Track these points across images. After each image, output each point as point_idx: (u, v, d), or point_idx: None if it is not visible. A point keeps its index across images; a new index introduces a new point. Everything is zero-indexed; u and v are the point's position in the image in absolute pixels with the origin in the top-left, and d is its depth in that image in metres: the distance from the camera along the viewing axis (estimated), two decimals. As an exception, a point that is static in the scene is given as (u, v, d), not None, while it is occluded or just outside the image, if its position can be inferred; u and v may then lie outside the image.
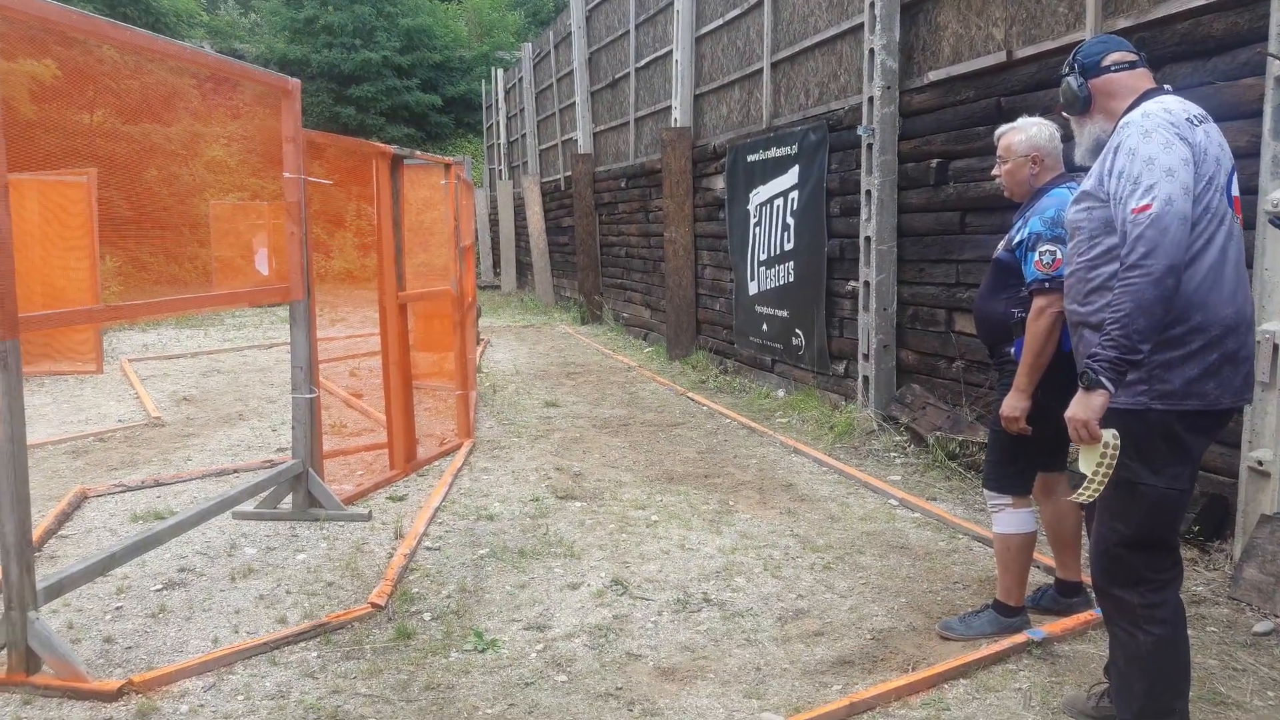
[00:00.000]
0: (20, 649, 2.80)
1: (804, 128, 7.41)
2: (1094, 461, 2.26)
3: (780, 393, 7.81)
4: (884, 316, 6.34)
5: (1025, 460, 3.23)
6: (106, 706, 2.79)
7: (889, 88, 6.15)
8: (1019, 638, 3.18)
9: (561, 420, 7.13)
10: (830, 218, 7.08)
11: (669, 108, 10.51)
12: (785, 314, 7.79)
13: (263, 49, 26.83)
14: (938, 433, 5.59)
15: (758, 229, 8.24)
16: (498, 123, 21.99)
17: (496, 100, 21.88)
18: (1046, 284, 2.97)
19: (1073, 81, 2.50)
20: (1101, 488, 2.26)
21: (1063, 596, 3.44)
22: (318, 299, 4.98)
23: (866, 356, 6.46)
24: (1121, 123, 2.34)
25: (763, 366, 8.37)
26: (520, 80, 18.99)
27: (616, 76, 12.74)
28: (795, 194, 7.53)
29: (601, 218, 13.61)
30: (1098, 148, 2.46)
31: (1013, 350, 3.19)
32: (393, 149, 5.41)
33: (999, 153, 3.28)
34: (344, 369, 9.35)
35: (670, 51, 10.34)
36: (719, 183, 9.25)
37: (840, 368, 7.03)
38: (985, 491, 3.34)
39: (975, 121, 5.47)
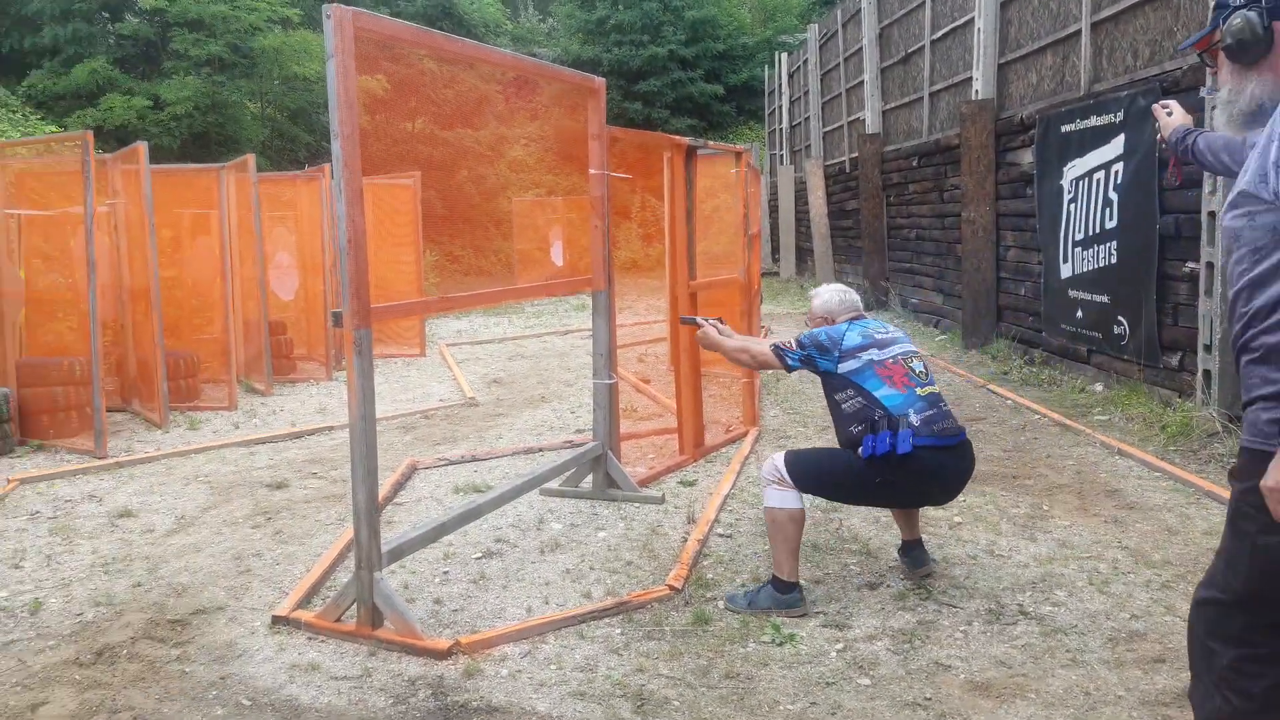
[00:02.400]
0: (367, 605, 3.11)
1: (1132, 92, 6.67)
2: None
3: (1098, 387, 7.11)
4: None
5: (851, 502, 3.80)
6: (438, 664, 3.02)
7: (1241, 40, 5.37)
8: None
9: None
10: (1164, 191, 6.33)
11: (968, 80, 9.90)
12: (1105, 299, 7.07)
13: (559, 51, 28.38)
14: (1299, 436, 4.83)
15: (1073, 206, 7.55)
16: (780, 107, 21.84)
17: (779, 84, 21.73)
18: None
19: (1253, 17, 1.94)
20: None
21: (909, 552, 3.76)
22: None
23: (1208, 348, 5.72)
24: None
25: (1076, 357, 7.67)
26: (805, 62, 18.71)
27: (909, 50, 12.18)
28: (1120, 166, 6.80)
29: (889, 199, 13.10)
30: (1254, 118, 1.92)
31: None
32: (688, 141, 5.47)
33: None
34: (632, 355, 9.67)
35: (971, 20, 9.71)
36: (1025, 157, 8.58)
37: (1174, 360, 6.28)
38: (778, 465, 3.46)
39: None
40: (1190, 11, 6.09)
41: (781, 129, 21.87)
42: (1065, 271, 7.70)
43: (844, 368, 3.47)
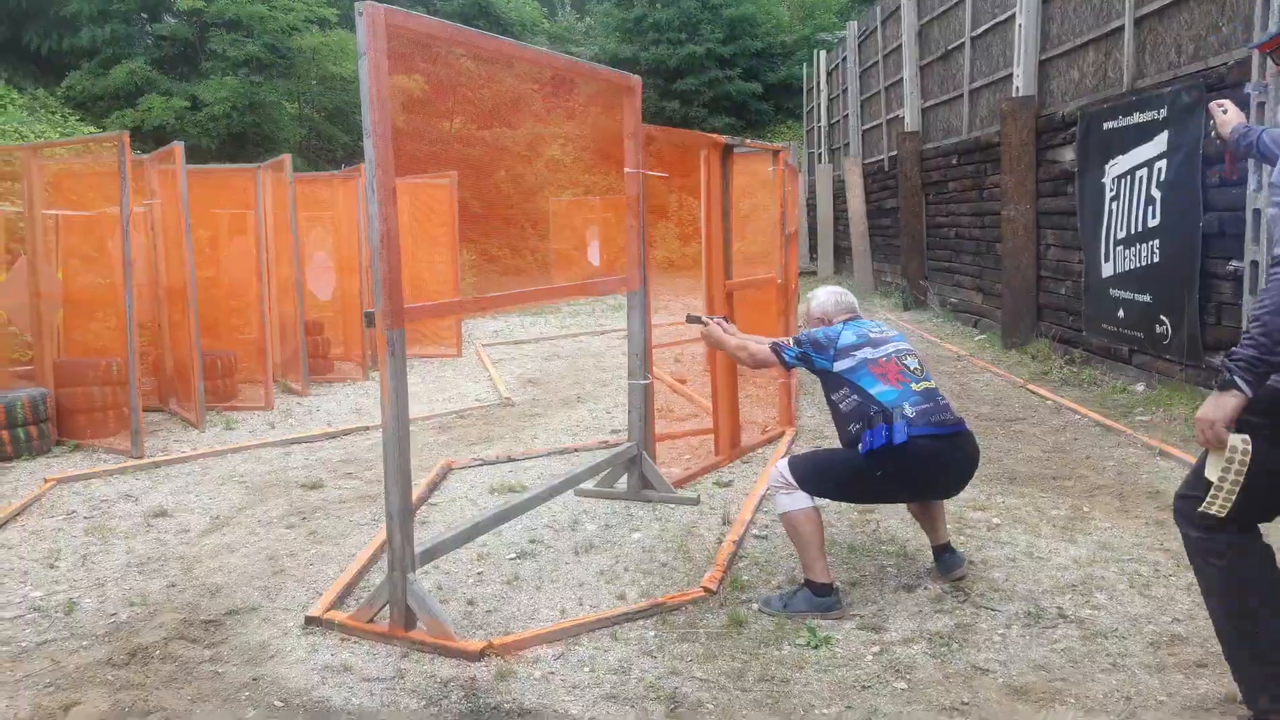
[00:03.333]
0: (400, 606, 3.13)
1: (1175, 88, 6.54)
2: (1220, 468, 2.23)
3: (1139, 387, 6.98)
4: None
5: (854, 500, 4.06)
6: (470, 665, 3.03)
7: (1291, 33, 5.24)
8: None
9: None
10: (1207, 189, 6.19)
11: (1008, 76, 9.76)
12: (1148, 298, 6.94)
13: (595, 49, 28.43)
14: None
15: (1114, 204, 7.41)
16: (818, 105, 21.70)
17: (818, 83, 21.59)
18: None
19: None
20: (1231, 499, 2.23)
21: (942, 556, 3.72)
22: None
23: (1253, 348, 5.58)
24: None
25: (1117, 357, 7.53)
26: (844, 60, 18.58)
27: (949, 47, 12.05)
28: (1163, 163, 6.67)
29: (928, 197, 12.97)
30: None
31: None
32: (724, 139, 5.45)
33: None
34: (669, 355, 9.67)
35: (1012, 16, 9.58)
36: (1067, 154, 8.44)
37: (1217, 359, 6.14)
38: (782, 469, 3.52)
39: None
40: (1236, 6, 5.96)
41: (819, 127, 21.73)
42: (1107, 270, 7.56)
43: (839, 366, 3.53)
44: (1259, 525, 2.49)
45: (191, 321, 6.92)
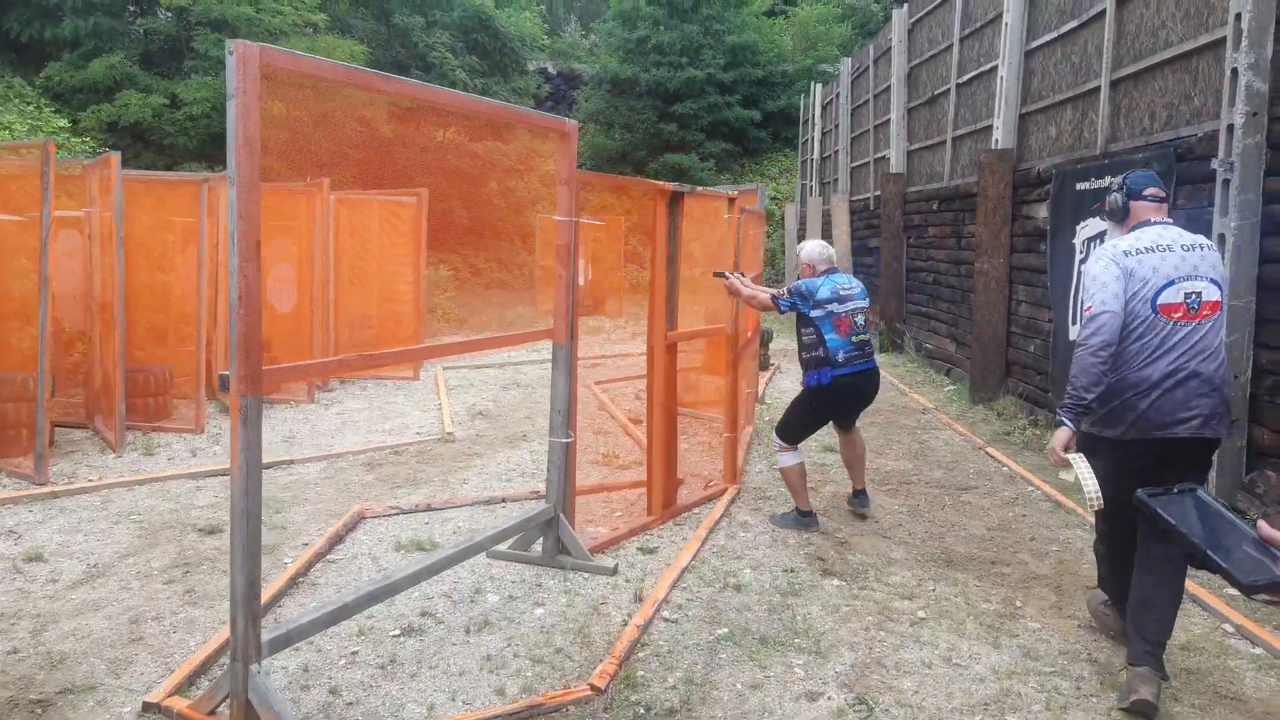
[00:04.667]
0: (240, 700, 2.86)
1: (1146, 155, 6.34)
2: (1074, 477, 3.24)
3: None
4: (1234, 385, 5.22)
5: (812, 431, 5.36)
6: (314, 768, 2.78)
7: (1255, 114, 5.05)
8: None
9: (837, 470, 6.60)
10: (1175, 262, 5.97)
11: (989, 127, 9.58)
12: (1111, 370, 6.71)
13: (598, 68, 28.28)
14: (1303, 543, 4.47)
15: (1083, 266, 7.19)
16: (812, 138, 21.55)
17: (813, 115, 21.45)
18: None
19: (1117, 200, 3.70)
20: (1095, 496, 3.21)
21: (855, 497, 5.52)
22: (627, 311, 5.12)
23: (1211, 434, 5.36)
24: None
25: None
26: (837, 95, 18.43)
27: (936, 92, 11.87)
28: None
29: (909, 240, 12.78)
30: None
31: None
32: (671, 186, 5.22)
33: None
34: (630, 391, 9.43)
35: (995, 67, 9.40)
36: (1041, 211, 8.24)
37: (1177, 440, 5.91)
38: (776, 437, 5.31)
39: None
40: (1208, 78, 5.76)
41: (812, 160, 21.58)
42: (1073, 333, 7.34)
43: (814, 313, 5.06)
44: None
45: (116, 336, 6.66)
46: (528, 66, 24.17)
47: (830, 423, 5.46)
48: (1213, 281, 3.38)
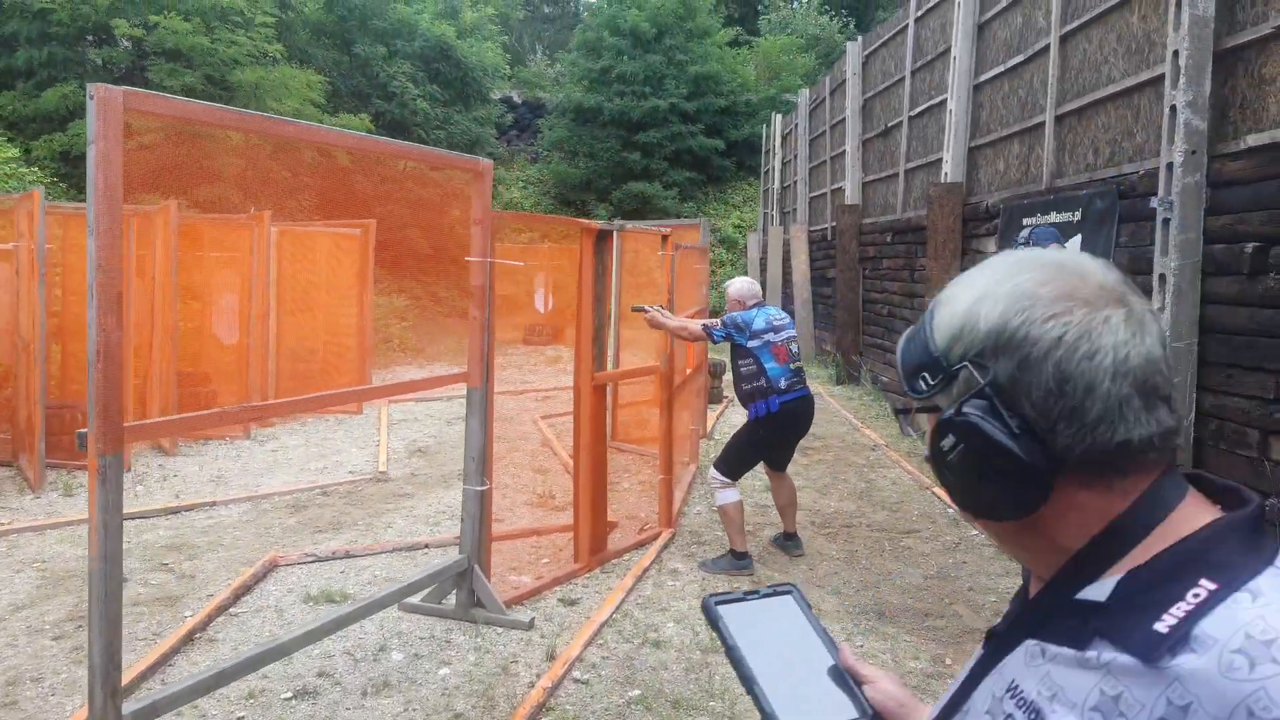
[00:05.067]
0: (89, 786, 2.64)
1: (1089, 192, 6.30)
2: None
3: (1043, 500, 6.64)
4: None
5: (754, 463, 5.30)
6: None
7: (1194, 153, 4.99)
8: None
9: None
10: (1115, 300, 5.92)
11: (940, 160, 9.55)
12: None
13: (561, 97, 28.28)
14: (1240, 592, 4.36)
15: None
16: (773, 168, 21.60)
17: (773, 145, 21.51)
18: None
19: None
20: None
21: (787, 541, 5.53)
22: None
23: (1150, 477, 5.27)
24: None
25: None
26: (795, 126, 18.48)
27: (889, 125, 11.88)
28: (1073, 270, 6.40)
29: (865, 272, 12.74)
30: None
31: None
32: (598, 225, 5.08)
33: None
34: (577, 426, 9.25)
35: (945, 100, 9.39)
36: (990, 246, 8.19)
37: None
38: (713, 473, 5.24)
39: (1312, 198, 4.26)
40: (1150, 114, 5.73)
41: (773, 189, 21.61)
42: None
43: (751, 344, 5.12)
44: None
45: (38, 373, 6.41)
46: (490, 95, 24.07)
47: (763, 464, 5.44)
48: None
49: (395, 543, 5.43)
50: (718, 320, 5.25)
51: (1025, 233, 6.54)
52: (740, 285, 5.41)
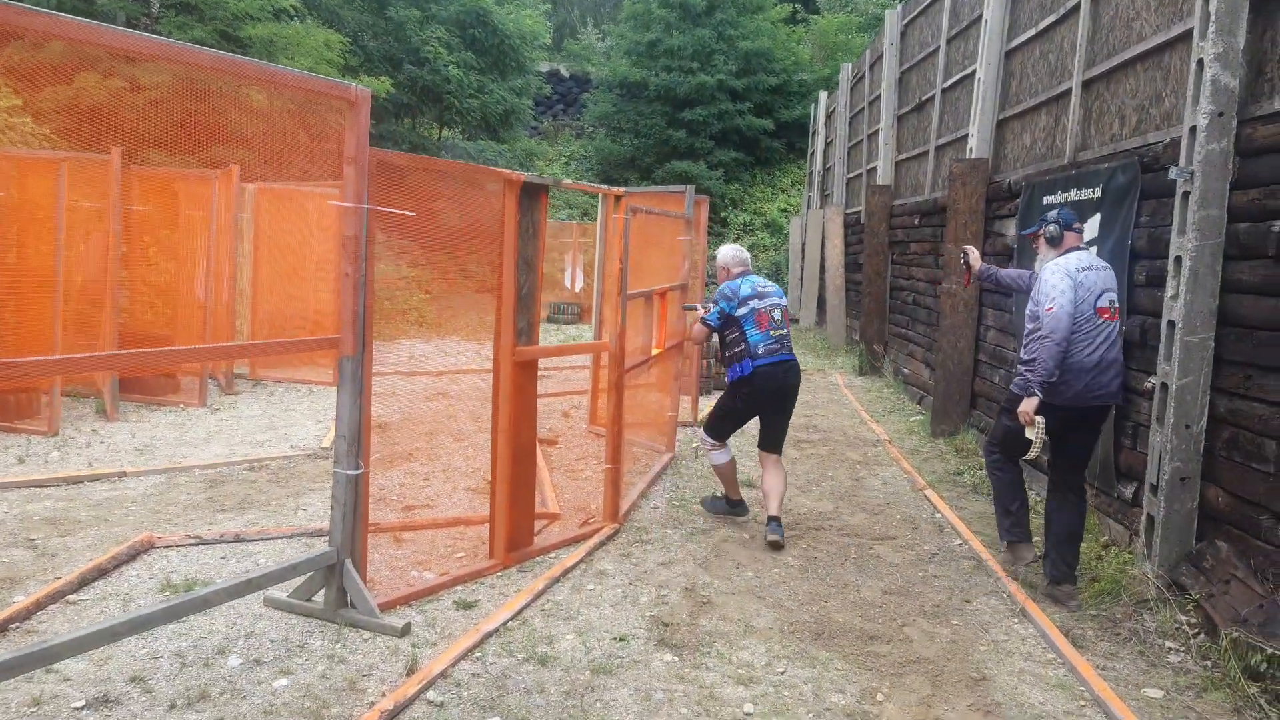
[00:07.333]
0: None
1: (1111, 165, 5.53)
2: (1035, 434, 4.30)
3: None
4: (1185, 436, 4.39)
5: (738, 424, 5.44)
6: None
7: (1221, 114, 4.22)
8: None
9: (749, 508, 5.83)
10: (1134, 287, 5.17)
11: (968, 135, 8.75)
12: (1061, 409, 5.87)
13: (607, 71, 27.60)
14: (1240, 628, 3.64)
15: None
16: (817, 149, 20.74)
17: (818, 125, 20.64)
18: None
19: (1055, 230, 4.59)
20: (1040, 447, 4.33)
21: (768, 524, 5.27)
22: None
23: (1155, 489, 4.53)
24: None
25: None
26: (838, 103, 17.61)
27: (923, 98, 11.04)
28: (1094, 251, 5.64)
29: (893, 257, 11.93)
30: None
31: None
32: (524, 176, 4.47)
33: None
34: (558, 408, 8.69)
35: (975, 70, 8.59)
36: (1010, 228, 7.42)
37: (1128, 491, 5.09)
38: (703, 436, 5.52)
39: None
40: (1180, 73, 4.94)
41: (816, 171, 20.77)
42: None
43: (739, 312, 5.20)
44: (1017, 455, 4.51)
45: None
46: (530, 66, 23.41)
47: (758, 449, 5.46)
48: (1115, 293, 4.46)
49: (295, 528, 4.91)
50: (709, 304, 5.34)
51: (1054, 213, 5.78)
52: (726, 253, 5.46)
